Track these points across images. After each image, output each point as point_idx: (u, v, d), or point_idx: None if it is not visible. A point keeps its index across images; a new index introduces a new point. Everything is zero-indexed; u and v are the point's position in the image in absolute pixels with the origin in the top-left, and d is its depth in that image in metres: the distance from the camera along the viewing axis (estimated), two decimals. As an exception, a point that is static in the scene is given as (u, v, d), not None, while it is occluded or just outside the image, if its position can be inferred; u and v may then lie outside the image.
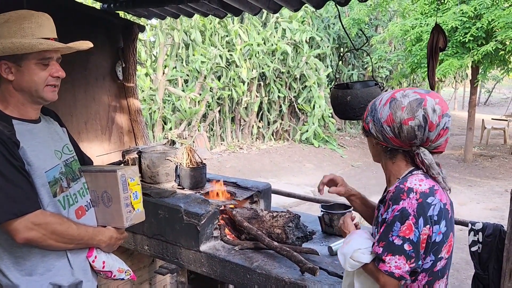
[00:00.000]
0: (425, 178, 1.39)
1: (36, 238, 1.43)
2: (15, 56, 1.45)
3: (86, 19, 3.30)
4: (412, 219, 1.32)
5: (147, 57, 10.30)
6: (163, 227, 2.54)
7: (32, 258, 1.50)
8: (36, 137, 1.55)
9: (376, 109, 1.43)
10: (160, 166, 2.86)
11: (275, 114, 12.26)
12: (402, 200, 1.34)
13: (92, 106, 3.48)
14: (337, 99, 2.45)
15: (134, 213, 1.72)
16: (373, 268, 1.40)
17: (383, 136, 1.43)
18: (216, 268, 2.29)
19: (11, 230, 1.40)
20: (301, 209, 5.94)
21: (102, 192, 1.71)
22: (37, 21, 1.48)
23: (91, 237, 1.62)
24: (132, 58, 3.71)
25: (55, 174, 1.55)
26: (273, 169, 10.01)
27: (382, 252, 1.36)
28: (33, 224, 1.42)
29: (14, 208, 1.38)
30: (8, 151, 1.40)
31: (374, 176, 9.66)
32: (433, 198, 1.35)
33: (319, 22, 12.90)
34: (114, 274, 1.74)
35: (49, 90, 1.53)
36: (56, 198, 1.54)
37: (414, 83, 17.31)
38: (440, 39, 2.40)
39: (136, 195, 1.72)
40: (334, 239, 2.45)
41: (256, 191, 2.79)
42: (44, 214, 1.47)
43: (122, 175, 1.66)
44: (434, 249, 1.38)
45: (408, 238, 1.32)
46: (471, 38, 8.80)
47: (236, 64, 10.73)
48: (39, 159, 1.50)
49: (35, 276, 1.51)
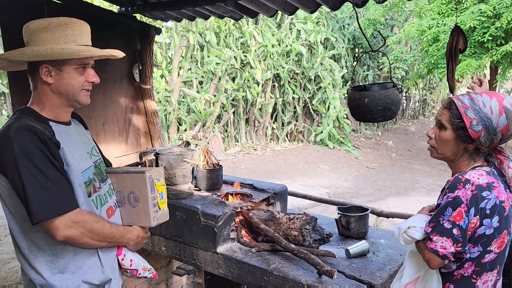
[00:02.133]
0: (486, 174, 1.49)
1: (74, 236, 1.48)
2: (57, 61, 1.51)
3: (104, 22, 3.35)
4: (464, 207, 1.44)
5: (163, 59, 10.38)
6: (180, 228, 2.56)
7: (66, 256, 1.54)
8: (71, 138, 1.60)
9: (490, 118, 1.48)
10: (177, 168, 2.88)
11: (290, 115, 12.24)
12: (457, 190, 1.46)
13: (110, 108, 3.53)
14: (355, 101, 2.43)
15: (160, 213, 1.77)
16: (421, 245, 1.54)
17: (490, 143, 1.51)
18: (233, 270, 2.29)
19: (52, 228, 1.44)
20: (316, 211, 5.92)
21: (129, 193, 1.76)
22: (79, 28, 1.55)
23: (122, 235, 1.67)
24: (148, 61, 3.75)
25: (89, 174, 1.61)
26: (287, 171, 9.99)
27: (431, 231, 1.50)
28: (72, 222, 1.46)
29: (56, 206, 1.43)
30: (49, 151, 1.45)
31: (390, 178, 9.57)
32: (488, 193, 1.45)
33: (334, 23, 12.83)
34: (139, 272, 1.79)
35: (84, 94, 1.60)
36: (90, 198, 1.59)
37: (430, 83, 17.12)
38: (460, 41, 2.36)
39: (162, 195, 1.77)
40: (351, 241, 2.43)
41: (272, 193, 2.79)
42: (82, 213, 1.51)
43: (150, 176, 1.71)
44: (482, 241, 1.48)
45: (458, 224, 1.44)
46: (489, 38, 8.64)
47: (251, 66, 10.74)
48: (75, 160, 1.55)
49: (67, 273, 1.55)
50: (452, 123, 1.54)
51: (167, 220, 1.85)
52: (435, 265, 1.51)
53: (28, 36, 1.53)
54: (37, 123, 1.49)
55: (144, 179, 1.71)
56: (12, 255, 4.77)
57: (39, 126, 1.47)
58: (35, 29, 1.51)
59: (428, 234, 1.51)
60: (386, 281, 2.01)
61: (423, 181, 9.25)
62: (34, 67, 1.53)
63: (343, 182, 9.34)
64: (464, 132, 1.51)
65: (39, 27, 1.51)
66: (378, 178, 9.62)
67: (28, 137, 1.42)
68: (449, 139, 1.56)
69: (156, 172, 1.77)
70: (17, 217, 1.51)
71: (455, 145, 1.56)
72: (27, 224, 1.46)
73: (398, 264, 2.16)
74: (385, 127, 14.73)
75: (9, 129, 1.44)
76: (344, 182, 9.34)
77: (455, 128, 1.53)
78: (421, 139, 13.63)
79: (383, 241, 2.47)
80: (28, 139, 1.42)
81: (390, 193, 8.33)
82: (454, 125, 1.53)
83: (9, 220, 1.54)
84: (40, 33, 1.50)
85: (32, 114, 1.53)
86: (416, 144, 13.23)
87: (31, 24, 1.53)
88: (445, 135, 1.57)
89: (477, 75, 16.52)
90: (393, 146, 12.99)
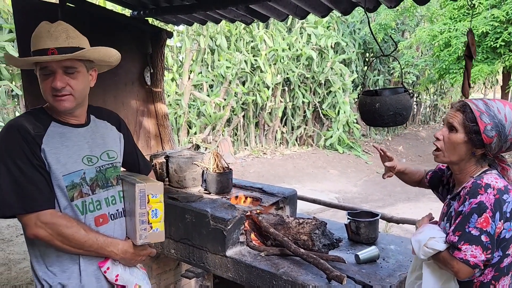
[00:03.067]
0: (499, 177, 1.50)
1: (43, 236, 1.49)
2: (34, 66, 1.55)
3: (116, 26, 3.38)
4: (489, 213, 1.42)
5: (174, 62, 10.44)
6: (190, 231, 2.57)
7: (50, 256, 1.58)
8: (66, 140, 1.58)
9: (504, 125, 1.47)
10: (187, 171, 2.89)
11: (299, 120, 12.22)
12: (480, 195, 1.43)
13: (121, 110, 3.55)
14: (366, 106, 2.42)
15: (151, 232, 1.61)
16: (446, 256, 1.49)
17: (499, 149, 1.51)
18: (242, 274, 2.29)
19: (23, 224, 1.50)
20: (325, 216, 5.89)
21: (130, 203, 1.67)
22: (36, 34, 1.52)
23: (101, 246, 1.59)
24: (160, 64, 3.77)
25: (74, 178, 1.56)
26: (296, 175, 9.97)
27: (458, 240, 1.45)
28: (41, 222, 1.48)
29: (25, 204, 1.46)
30: (29, 149, 1.48)
31: (400, 184, 9.45)
32: (508, 196, 1.45)
33: (344, 28, 12.82)
34: None
35: (54, 99, 1.53)
36: (73, 202, 1.56)
37: (441, 89, 16.98)
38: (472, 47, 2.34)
39: (156, 213, 1.62)
40: (360, 247, 2.42)
41: (282, 197, 2.79)
42: (54, 215, 1.51)
43: (142, 190, 1.58)
44: (502, 245, 1.47)
45: (486, 230, 1.41)
46: (502, 43, 8.57)
47: (261, 69, 10.76)
48: (58, 162, 1.53)
49: (49, 272, 1.58)
50: (465, 126, 1.52)
51: (161, 241, 1.69)
52: (465, 275, 1.46)
53: None
54: (33, 122, 1.53)
55: (134, 192, 1.58)
56: (23, 256, 4.82)
57: (31, 124, 1.51)
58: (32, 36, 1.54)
59: (455, 243, 1.45)
60: (396, 287, 1.99)
61: (433, 187, 9.16)
62: None
63: (353, 187, 9.28)
64: (477, 136, 1.49)
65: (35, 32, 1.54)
66: (388, 184, 9.53)
67: (11, 134, 1.49)
68: (459, 142, 1.54)
69: (153, 186, 1.61)
70: None
71: (464, 148, 1.54)
72: None
73: (408, 270, 2.14)
74: (395, 132, 14.64)
75: (5, 126, 1.52)
76: (353, 187, 9.28)
77: (468, 132, 1.51)
78: (431, 145, 13.37)
79: (393, 247, 2.45)
80: (11, 136, 1.49)
81: (399, 199, 8.26)
82: (467, 128, 1.51)
83: None
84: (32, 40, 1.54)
85: (38, 113, 1.58)
86: (426, 150, 13.11)
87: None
88: (456, 137, 1.54)
89: (490, 80, 16.37)
90: (403, 151, 12.89)
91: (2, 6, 7.55)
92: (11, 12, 7.39)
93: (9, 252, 4.98)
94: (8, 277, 4.34)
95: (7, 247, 5.13)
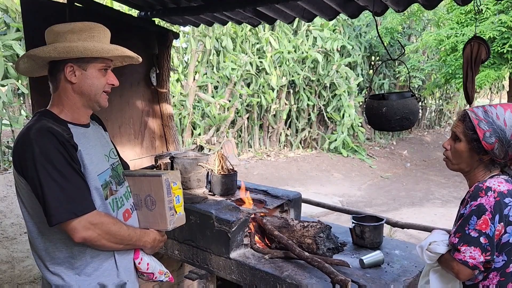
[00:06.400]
0: (505, 182, 1.51)
1: (92, 238, 1.48)
2: (83, 60, 1.53)
3: (123, 26, 3.39)
4: (488, 215, 1.44)
5: (179, 63, 10.46)
6: (194, 232, 2.56)
7: (82, 258, 1.55)
8: (89, 140, 1.61)
9: (503, 130, 1.49)
10: (192, 172, 2.89)
11: (304, 122, 12.20)
12: (480, 197, 1.46)
13: (127, 111, 3.56)
14: (372, 110, 2.41)
15: (177, 216, 1.77)
16: (448, 257, 1.53)
17: (505, 154, 1.51)
18: (246, 276, 2.28)
19: (70, 229, 1.45)
20: (328, 219, 5.87)
21: (146, 196, 1.76)
22: (103, 32, 1.60)
23: (139, 238, 1.67)
24: (166, 65, 3.78)
25: (106, 177, 1.61)
26: (300, 178, 9.95)
27: (457, 242, 1.49)
28: (90, 224, 1.47)
29: (74, 208, 1.44)
30: (68, 153, 1.46)
31: (404, 188, 9.46)
32: (510, 199, 1.46)
33: (350, 31, 12.80)
34: (155, 276, 1.79)
35: (104, 96, 1.62)
36: (107, 200, 1.60)
37: (447, 93, 16.92)
38: (483, 51, 2.33)
39: (178, 198, 1.77)
40: (365, 251, 2.40)
41: (286, 200, 2.78)
42: (100, 215, 1.52)
43: (166, 180, 1.71)
44: (507, 249, 1.48)
45: (485, 232, 1.44)
46: (509, 49, 8.52)
47: (266, 72, 10.76)
48: (92, 163, 1.56)
49: (83, 276, 1.55)
50: (466, 134, 1.56)
51: (183, 223, 1.84)
52: (465, 276, 1.49)
53: (53, 37, 1.55)
54: (56, 125, 1.50)
55: (161, 182, 1.70)
56: (26, 254, 4.83)
57: (58, 128, 1.48)
58: (60, 31, 1.54)
59: (455, 245, 1.50)
60: (401, 293, 1.98)
61: (438, 192, 9.12)
62: (57, 66, 1.55)
63: (357, 191, 9.25)
64: (478, 144, 1.53)
65: (64, 29, 1.53)
66: (392, 188, 9.51)
67: (47, 139, 1.43)
68: (463, 150, 1.58)
69: (173, 175, 1.77)
70: (35, 218, 1.52)
71: (470, 156, 1.58)
72: (45, 225, 1.46)
73: (413, 275, 2.13)
74: (400, 136, 14.59)
75: (29, 130, 1.46)
76: (357, 191, 9.25)
77: (469, 140, 1.55)
78: (436, 149, 13.45)
79: (397, 252, 2.43)
80: (47, 141, 1.43)
81: (404, 204, 8.23)
82: (468, 136, 1.55)
83: (27, 221, 1.55)
84: (66, 35, 1.53)
85: (51, 117, 1.54)
86: (431, 155, 13.06)
87: (55, 27, 1.55)
88: (460, 146, 1.59)
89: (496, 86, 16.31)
90: (408, 156, 12.84)
91: (10, 5, 7.58)
92: (18, 11, 7.43)
93: (13, 250, 5.00)
94: (12, 275, 4.35)
95: (10, 245, 5.15)
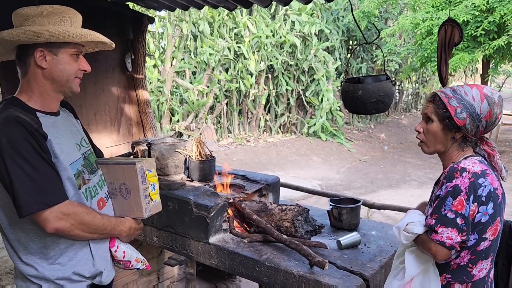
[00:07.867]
0: (479, 162, 1.54)
1: (65, 228, 1.46)
2: (54, 44, 1.48)
3: (96, 10, 3.30)
4: (463, 196, 1.47)
5: (155, 48, 10.28)
6: (172, 219, 2.55)
7: (56, 248, 1.53)
8: (59, 130, 1.57)
9: (473, 105, 1.52)
10: (170, 158, 2.87)
11: (283, 107, 12.21)
12: (455, 178, 1.49)
13: (102, 97, 3.49)
14: (348, 93, 2.43)
15: (152, 204, 1.76)
16: (425, 238, 1.55)
17: (476, 130, 1.54)
18: (225, 260, 2.30)
19: (41, 220, 1.42)
20: (308, 203, 5.94)
21: (120, 184, 1.74)
22: (74, 16, 1.54)
23: (114, 227, 1.66)
24: (141, 50, 3.71)
25: (78, 166, 1.58)
26: (280, 162, 10.00)
27: (434, 223, 1.51)
28: (62, 214, 1.44)
29: (45, 199, 1.40)
30: (37, 143, 1.41)
31: (382, 171, 9.63)
32: (484, 180, 1.50)
33: (328, 15, 12.78)
34: (132, 263, 1.79)
35: (77, 81, 1.58)
36: (80, 190, 1.57)
37: (423, 77, 17.17)
38: (456, 34, 2.36)
39: (154, 186, 1.77)
40: (342, 233, 2.45)
41: (265, 184, 2.79)
42: (73, 204, 1.49)
43: (141, 168, 1.70)
44: (478, 228, 1.51)
45: (460, 213, 1.47)
46: (482, 32, 8.68)
47: (244, 56, 10.68)
48: (63, 152, 1.52)
49: (57, 265, 1.53)
50: (437, 114, 1.59)
51: (160, 211, 1.84)
52: (442, 257, 1.52)
53: (21, 20, 1.48)
54: (24, 113, 1.44)
55: (135, 171, 1.69)
56: (1, 245, 4.74)
57: (26, 117, 1.43)
58: (29, 14, 1.47)
59: (432, 226, 1.52)
60: (376, 272, 2.03)
61: (414, 174, 9.32)
62: (26, 51, 1.49)
63: (335, 174, 9.37)
64: (450, 121, 1.56)
65: (33, 12, 1.47)
66: (370, 171, 9.67)
67: (15, 128, 1.39)
68: (436, 130, 1.61)
69: (147, 163, 1.76)
70: (5, 209, 1.48)
71: (443, 135, 1.60)
72: (16, 216, 1.42)
73: (388, 255, 2.18)
74: (378, 120, 14.78)
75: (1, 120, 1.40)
76: (336, 175, 9.37)
77: (441, 119, 1.58)
78: (413, 132, 13.56)
79: (374, 232, 2.49)
80: (15, 130, 1.38)
81: (381, 186, 8.38)
82: (440, 115, 1.58)
83: None
84: (36, 18, 1.46)
85: (19, 105, 1.49)
86: (408, 137, 13.29)
87: (23, 10, 1.49)
88: (433, 127, 1.62)
89: (470, 69, 16.62)
90: (386, 139, 13.04)
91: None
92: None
93: (-12, 241, 4.89)
94: (-13, 266, 4.27)
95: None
